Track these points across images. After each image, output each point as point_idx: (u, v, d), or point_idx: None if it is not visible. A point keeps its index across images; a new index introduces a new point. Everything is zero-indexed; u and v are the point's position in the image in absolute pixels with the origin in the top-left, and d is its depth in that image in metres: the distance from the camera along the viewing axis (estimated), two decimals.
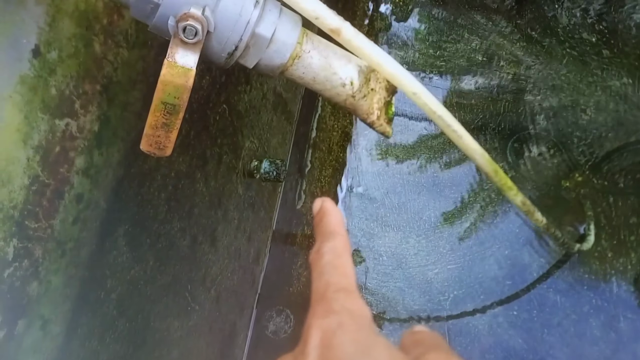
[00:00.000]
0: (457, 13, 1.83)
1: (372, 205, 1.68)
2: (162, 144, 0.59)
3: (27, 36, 0.62)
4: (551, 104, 1.67)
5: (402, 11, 1.85)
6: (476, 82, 1.74)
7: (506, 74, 1.73)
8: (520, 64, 1.73)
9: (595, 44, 1.70)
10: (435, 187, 1.67)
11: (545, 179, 1.62)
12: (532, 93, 1.69)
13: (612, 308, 1.50)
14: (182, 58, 0.55)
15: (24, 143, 0.62)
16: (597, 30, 1.71)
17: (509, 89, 1.72)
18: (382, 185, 1.68)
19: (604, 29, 1.70)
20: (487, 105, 1.71)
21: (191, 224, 1.05)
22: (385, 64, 0.61)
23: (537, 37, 1.74)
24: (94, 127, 0.74)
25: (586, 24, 1.72)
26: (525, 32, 1.76)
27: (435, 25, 1.83)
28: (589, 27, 1.72)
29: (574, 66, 1.69)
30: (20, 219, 0.63)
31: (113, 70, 0.76)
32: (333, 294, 0.38)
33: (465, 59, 1.77)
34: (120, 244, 0.84)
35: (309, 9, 0.57)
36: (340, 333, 0.35)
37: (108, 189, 0.79)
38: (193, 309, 1.10)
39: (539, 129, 1.65)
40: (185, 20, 0.53)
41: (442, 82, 1.76)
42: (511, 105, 1.69)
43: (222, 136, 1.14)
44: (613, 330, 1.48)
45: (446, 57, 1.78)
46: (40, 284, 0.67)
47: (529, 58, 1.73)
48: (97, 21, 0.72)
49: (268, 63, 0.61)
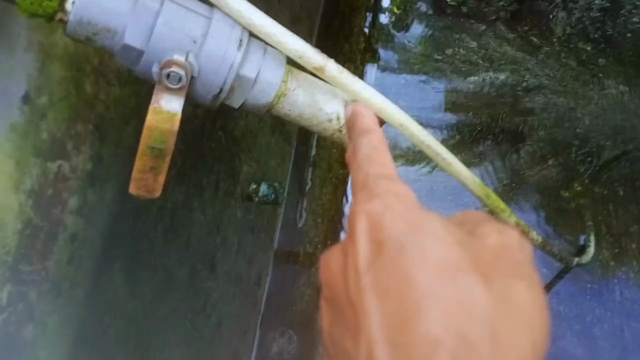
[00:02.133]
0: (456, 22, 1.83)
1: None
2: (150, 186, 0.59)
3: (17, 84, 0.62)
4: (549, 113, 1.67)
5: (402, 21, 1.85)
6: (474, 90, 1.74)
7: (503, 84, 1.73)
8: (519, 73, 1.73)
9: (591, 53, 1.70)
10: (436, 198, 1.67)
11: (544, 189, 1.61)
12: (529, 103, 1.69)
13: (616, 317, 1.49)
14: (167, 103, 0.55)
15: (16, 189, 0.63)
16: (593, 39, 1.71)
17: (507, 99, 1.72)
18: None
19: (599, 37, 1.70)
20: (485, 114, 1.71)
21: (189, 253, 1.06)
22: (370, 98, 0.61)
23: (533, 48, 1.75)
24: (87, 167, 0.74)
25: (581, 34, 1.72)
26: (522, 43, 1.76)
27: (435, 34, 1.83)
28: (584, 36, 1.72)
29: (571, 75, 1.69)
30: (13, 264, 0.64)
31: (105, 108, 0.77)
32: (374, 182, 0.37)
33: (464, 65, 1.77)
34: (117, 279, 0.84)
35: (292, 49, 0.58)
36: (389, 214, 0.34)
37: (103, 226, 0.79)
38: (194, 337, 1.10)
39: (537, 138, 1.65)
40: (168, 67, 0.53)
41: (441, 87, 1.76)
42: (510, 115, 1.70)
43: (219, 163, 1.14)
44: (617, 339, 1.47)
45: (446, 63, 1.78)
46: (36, 327, 0.68)
47: (526, 69, 1.73)
48: (88, 62, 0.73)
49: (254, 103, 0.61)
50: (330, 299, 0.37)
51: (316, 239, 1.67)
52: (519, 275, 0.33)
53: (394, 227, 0.33)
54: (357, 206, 0.36)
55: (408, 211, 0.34)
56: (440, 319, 0.29)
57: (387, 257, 0.32)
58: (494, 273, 0.32)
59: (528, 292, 0.33)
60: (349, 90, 0.61)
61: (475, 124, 1.71)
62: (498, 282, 0.32)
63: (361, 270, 0.33)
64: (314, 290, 1.62)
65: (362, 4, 1.86)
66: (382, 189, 0.36)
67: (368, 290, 0.31)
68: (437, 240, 0.32)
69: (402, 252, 0.32)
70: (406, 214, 0.34)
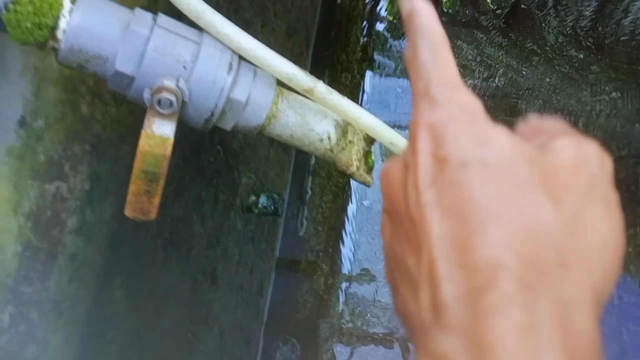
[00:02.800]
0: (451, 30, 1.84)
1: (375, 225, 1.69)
2: (146, 209, 0.60)
3: (12, 108, 0.64)
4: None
5: (397, 30, 1.86)
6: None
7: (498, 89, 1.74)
8: (513, 81, 1.74)
9: (583, 60, 1.71)
10: None
11: None
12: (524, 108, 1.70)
13: (615, 320, 1.50)
14: (159, 128, 0.57)
15: (14, 212, 0.64)
16: (585, 46, 1.72)
17: (501, 104, 1.73)
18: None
19: (590, 45, 1.71)
20: None
21: (190, 266, 1.07)
22: (359, 118, 0.62)
23: (526, 55, 1.76)
24: (85, 186, 0.76)
25: (573, 42, 1.73)
26: (516, 50, 1.77)
27: None
28: (576, 44, 1.73)
29: (564, 83, 1.70)
30: (14, 286, 0.65)
31: (102, 128, 0.78)
32: (437, 89, 0.34)
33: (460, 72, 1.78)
34: (118, 295, 0.85)
35: (282, 72, 0.59)
36: (452, 126, 0.32)
37: (102, 243, 0.81)
38: (197, 349, 1.11)
39: None
40: (159, 92, 0.55)
41: None
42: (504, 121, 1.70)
43: (218, 176, 1.16)
44: (617, 342, 1.48)
45: None
46: (38, 346, 0.69)
47: (520, 76, 1.74)
48: (83, 84, 0.74)
49: (245, 125, 0.62)
50: (390, 212, 0.35)
51: (317, 247, 1.68)
52: (594, 196, 0.32)
53: (457, 141, 0.31)
54: (418, 116, 0.33)
55: (473, 124, 0.32)
56: (504, 242, 0.28)
57: (449, 174, 0.30)
58: (566, 193, 0.31)
59: (602, 214, 0.32)
60: (338, 110, 0.62)
61: None
62: (570, 203, 0.30)
63: (422, 186, 0.31)
64: (316, 298, 1.63)
65: (358, 13, 1.87)
66: (445, 97, 0.33)
67: (429, 208, 0.30)
68: (503, 157, 0.30)
69: (465, 168, 0.30)
70: (470, 127, 0.32)
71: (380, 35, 1.86)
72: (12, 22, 0.51)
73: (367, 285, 1.64)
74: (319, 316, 1.61)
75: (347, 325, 1.60)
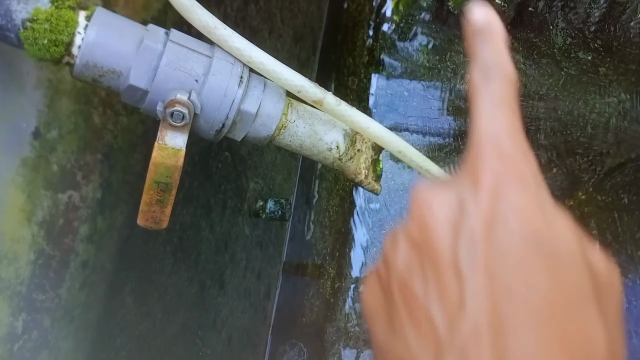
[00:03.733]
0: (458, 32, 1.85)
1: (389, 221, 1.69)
2: (158, 218, 0.61)
3: (27, 120, 0.65)
4: (552, 123, 1.68)
5: (404, 33, 1.87)
6: None
7: None
8: (520, 81, 1.74)
9: (592, 62, 1.72)
10: None
11: None
12: (532, 112, 1.71)
13: (624, 324, 1.50)
14: (171, 140, 0.58)
15: (28, 221, 0.65)
16: (593, 48, 1.72)
17: None
18: (398, 201, 1.69)
19: (599, 47, 1.72)
20: None
21: (198, 271, 1.08)
22: (368, 128, 0.63)
23: (533, 56, 1.76)
24: (97, 195, 0.77)
25: (581, 43, 1.73)
26: (521, 51, 1.77)
27: (437, 44, 1.85)
28: (584, 46, 1.73)
29: (572, 85, 1.71)
30: (27, 293, 0.66)
31: (113, 138, 0.80)
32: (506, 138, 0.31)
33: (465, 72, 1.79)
34: (128, 301, 0.87)
35: (291, 84, 0.60)
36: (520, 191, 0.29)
37: (113, 250, 0.82)
38: (205, 353, 1.12)
39: (540, 147, 1.67)
40: (172, 106, 0.56)
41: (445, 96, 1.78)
42: None
43: (226, 182, 1.17)
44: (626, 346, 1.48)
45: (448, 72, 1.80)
46: (50, 352, 0.70)
47: (528, 77, 1.74)
48: (95, 94, 0.75)
49: (255, 135, 0.63)
50: (417, 242, 0.31)
51: (324, 250, 1.69)
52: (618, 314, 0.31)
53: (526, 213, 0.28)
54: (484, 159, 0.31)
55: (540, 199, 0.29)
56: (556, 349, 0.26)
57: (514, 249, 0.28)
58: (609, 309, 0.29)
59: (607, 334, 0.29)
60: (347, 120, 0.63)
61: None
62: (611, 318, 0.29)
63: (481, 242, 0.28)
64: (323, 302, 1.64)
65: (365, 17, 1.88)
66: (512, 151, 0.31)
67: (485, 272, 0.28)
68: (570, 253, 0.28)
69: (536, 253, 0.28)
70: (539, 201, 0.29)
71: (386, 37, 1.87)
72: (29, 40, 0.52)
73: None
74: (326, 320, 1.62)
75: (354, 328, 1.60)
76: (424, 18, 1.88)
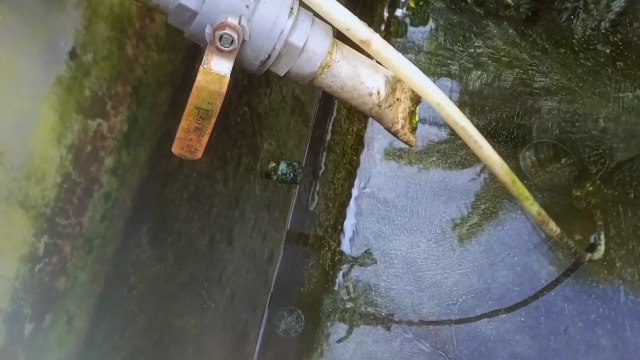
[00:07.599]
0: (472, 20, 1.84)
1: (384, 207, 1.69)
2: (193, 147, 0.60)
3: (65, 38, 0.63)
4: (564, 114, 1.68)
5: (418, 16, 1.86)
6: (489, 88, 1.75)
7: (519, 81, 1.74)
8: (533, 72, 1.74)
9: (609, 56, 1.72)
10: (446, 192, 1.69)
11: (556, 187, 1.63)
12: (544, 102, 1.70)
13: (619, 317, 1.51)
14: (217, 65, 0.56)
15: (58, 142, 0.64)
16: (612, 42, 1.72)
17: (522, 97, 1.73)
18: (394, 188, 1.69)
19: (618, 41, 1.71)
20: (500, 112, 1.72)
21: (210, 223, 1.07)
22: (411, 75, 0.62)
23: (550, 47, 1.76)
24: (124, 128, 0.76)
25: (600, 36, 1.73)
26: (538, 41, 1.77)
27: (450, 31, 1.84)
28: (603, 38, 1.73)
29: (587, 77, 1.71)
30: (51, 216, 0.65)
31: (143, 72, 0.78)
32: None
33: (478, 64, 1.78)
34: (143, 241, 0.86)
35: (340, 21, 0.59)
36: None
37: (134, 188, 0.81)
38: (209, 306, 1.12)
39: (551, 137, 1.67)
40: (222, 29, 0.55)
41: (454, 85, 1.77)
42: (524, 113, 1.71)
43: (242, 138, 1.16)
44: (619, 339, 1.49)
45: (460, 61, 1.79)
46: (67, 280, 0.69)
47: (542, 67, 1.74)
48: (131, 25, 0.74)
49: (299, 71, 0.62)
50: None
51: (326, 222, 1.68)
52: None
53: None
54: None
55: None
56: None
57: None
58: None
59: None
60: (391, 65, 0.62)
61: (489, 119, 1.72)
62: None
63: None
64: (322, 273, 1.64)
65: None
66: None
67: None
68: None
69: None
70: None
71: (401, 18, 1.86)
72: None
73: (372, 265, 1.64)
74: (323, 291, 1.62)
75: (349, 302, 1.60)
76: (438, 5, 1.88)
